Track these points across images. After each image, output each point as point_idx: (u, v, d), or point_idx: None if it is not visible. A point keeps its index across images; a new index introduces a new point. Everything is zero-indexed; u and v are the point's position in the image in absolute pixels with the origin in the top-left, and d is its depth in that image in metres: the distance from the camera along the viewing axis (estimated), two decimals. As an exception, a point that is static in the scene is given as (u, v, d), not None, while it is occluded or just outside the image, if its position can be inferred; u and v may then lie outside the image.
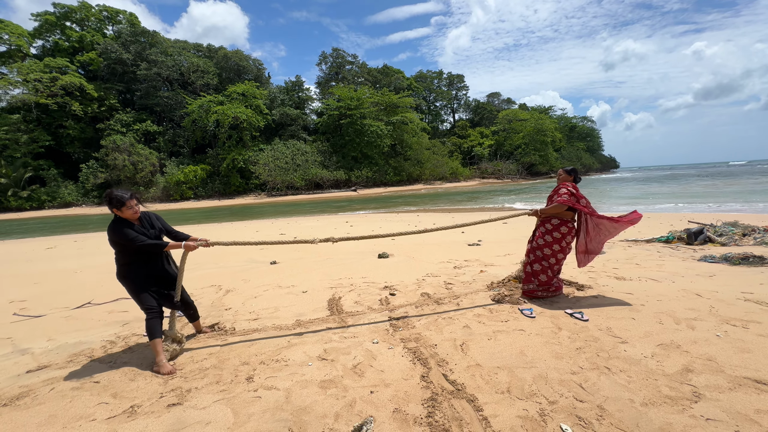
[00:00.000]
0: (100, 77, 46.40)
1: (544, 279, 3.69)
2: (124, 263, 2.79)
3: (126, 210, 2.69)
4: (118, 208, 2.67)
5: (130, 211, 2.71)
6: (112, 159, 39.99)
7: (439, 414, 2.02)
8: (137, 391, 2.44)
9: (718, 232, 6.53)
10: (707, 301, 3.45)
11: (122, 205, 2.67)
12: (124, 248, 2.74)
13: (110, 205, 2.68)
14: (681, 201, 18.23)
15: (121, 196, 2.67)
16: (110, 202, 2.67)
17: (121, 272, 2.82)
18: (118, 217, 2.71)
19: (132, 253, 2.76)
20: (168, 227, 3.00)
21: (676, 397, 2.06)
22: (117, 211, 2.69)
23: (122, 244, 2.70)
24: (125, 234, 2.66)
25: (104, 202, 2.70)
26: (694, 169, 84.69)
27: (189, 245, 2.89)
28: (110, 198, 2.67)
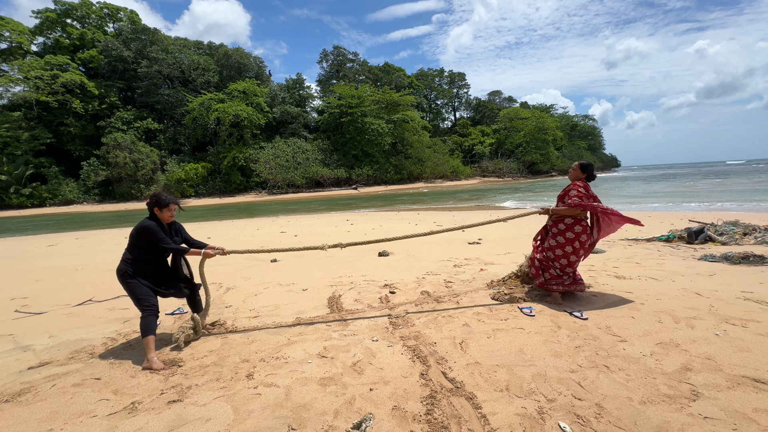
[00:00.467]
0: (100, 75, 46.40)
1: (554, 273, 3.61)
2: (135, 259, 2.92)
3: (166, 212, 2.96)
4: (160, 208, 2.93)
5: (168, 214, 2.98)
6: (113, 157, 40.01)
7: (437, 411, 2.03)
8: (138, 388, 2.45)
9: (719, 231, 6.52)
10: (707, 300, 3.45)
11: (165, 207, 2.94)
12: (143, 245, 2.90)
13: (156, 204, 2.93)
14: (681, 200, 18.20)
15: (167, 198, 2.96)
16: (157, 202, 2.93)
17: (124, 268, 2.89)
18: (154, 216, 2.95)
19: (148, 252, 2.93)
20: (187, 235, 3.23)
21: (675, 395, 2.06)
22: (158, 210, 2.94)
23: (147, 240, 2.87)
24: (157, 232, 2.87)
25: (150, 199, 2.95)
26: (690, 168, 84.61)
27: (207, 253, 3.11)
28: (158, 198, 2.95)
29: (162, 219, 2.99)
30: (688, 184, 29.96)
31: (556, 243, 3.58)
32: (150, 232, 2.87)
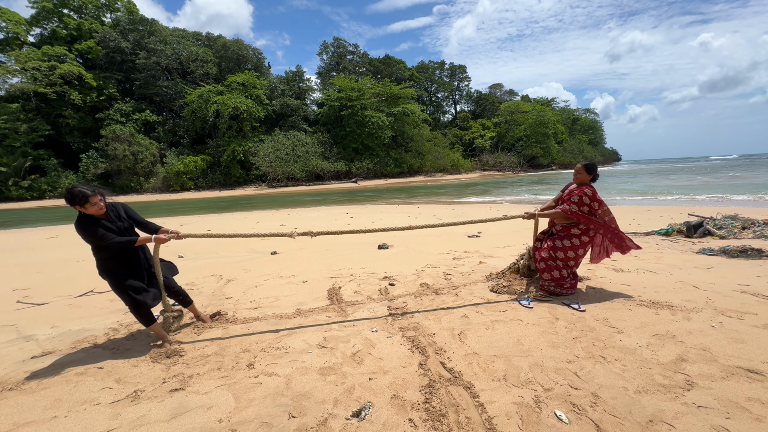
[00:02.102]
0: (98, 66, 45.95)
1: (557, 275, 3.52)
2: (102, 258, 2.73)
3: (90, 207, 2.58)
4: (81, 204, 2.55)
5: (95, 208, 2.59)
6: (112, 149, 39.84)
7: (436, 400, 2.07)
8: (140, 377, 2.49)
9: (718, 225, 6.54)
10: (704, 292, 3.48)
11: (86, 202, 2.55)
12: (95, 245, 2.67)
13: (72, 202, 2.55)
14: (680, 193, 18.20)
15: (83, 192, 2.54)
16: (72, 199, 2.55)
17: (101, 266, 2.76)
18: (83, 214, 2.60)
19: (105, 249, 2.68)
20: (138, 218, 2.89)
21: (669, 385, 2.09)
22: (81, 207, 2.57)
23: (89, 242, 2.63)
24: (92, 231, 2.57)
25: (65, 198, 2.57)
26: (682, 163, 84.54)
27: (159, 238, 2.80)
28: (72, 194, 2.54)
29: (92, 214, 2.61)
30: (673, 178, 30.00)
31: (563, 246, 3.49)
32: (85, 233, 2.57)
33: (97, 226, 2.60)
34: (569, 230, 3.52)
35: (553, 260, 3.55)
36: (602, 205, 3.46)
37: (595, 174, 3.47)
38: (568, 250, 3.50)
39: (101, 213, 2.65)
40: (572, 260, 3.52)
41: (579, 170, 3.48)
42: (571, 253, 3.50)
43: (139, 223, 2.89)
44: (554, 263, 3.54)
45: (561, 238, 3.54)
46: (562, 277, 3.54)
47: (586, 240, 3.49)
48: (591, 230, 3.47)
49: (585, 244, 3.50)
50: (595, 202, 3.41)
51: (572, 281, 3.58)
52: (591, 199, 3.39)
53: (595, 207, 3.42)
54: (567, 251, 3.50)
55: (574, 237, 3.49)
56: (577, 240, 3.48)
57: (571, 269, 3.57)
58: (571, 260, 3.52)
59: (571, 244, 3.49)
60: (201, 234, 3.20)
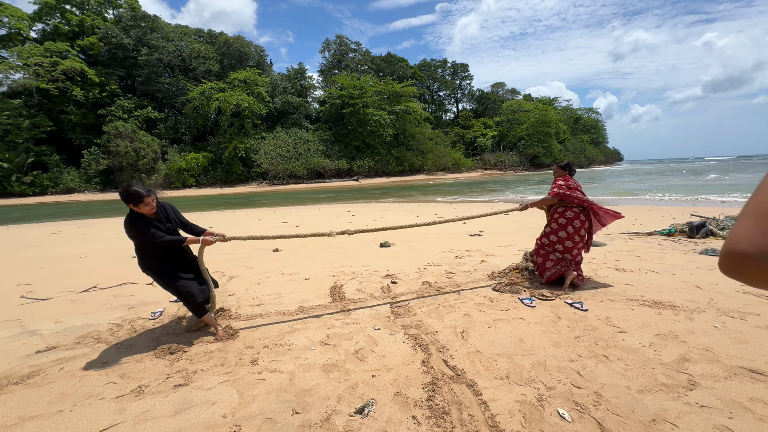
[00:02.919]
0: (100, 62, 45.99)
1: (539, 261, 3.90)
2: (146, 257, 2.81)
3: (143, 206, 2.64)
4: (135, 203, 2.61)
5: (147, 208, 2.66)
6: (114, 145, 39.91)
7: (439, 397, 2.07)
8: (144, 372, 2.50)
9: (721, 226, 6.53)
10: (706, 293, 3.48)
11: (140, 202, 2.61)
12: (142, 243, 2.74)
13: (127, 200, 2.60)
14: (683, 194, 18.14)
15: (138, 193, 2.59)
16: (127, 198, 2.59)
17: (144, 264, 2.83)
18: (135, 212, 2.66)
19: (151, 248, 2.76)
20: (184, 220, 3.00)
21: (672, 384, 2.10)
22: (134, 206, 2.63)
23: (138, 240, 2.70)
24: (143, 230, 2.63)
25: (121, 196, 2.60)
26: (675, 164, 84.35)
27: (206, 240, 2.90)
28: (127, 193, 2.58)
29: (144, 213, 2.69)
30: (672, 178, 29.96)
31: (550, 230, 3.86)
32: (136, 231, 2.62)
33: (149, 225, 2.67)
34: (552, 215, 3.88)
35: (545, 246, 3.87)
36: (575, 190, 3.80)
37: (570, 170, 3.93)
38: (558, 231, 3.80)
39: (152, 213, 2.73)
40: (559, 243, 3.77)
41: (555, 169, 4.02)
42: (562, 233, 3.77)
43: (184, 225, 2.99)
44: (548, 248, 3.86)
45: (549, 223, 3.91)
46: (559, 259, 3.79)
47: (570, 215, 3.75)
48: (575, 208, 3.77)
49: (571, 219, 3.75)
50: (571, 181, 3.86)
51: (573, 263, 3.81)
52: (566, 180, 3.86)
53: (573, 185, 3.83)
54: (551, 234, 3.84)
55: (560, 217, 3.80)
56: (563, 219, 3.78)
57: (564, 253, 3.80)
58: (558, 243, 3.78)
59: (559, 225, 3.80)
60: (246, 237, 3.32)
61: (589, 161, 78.31)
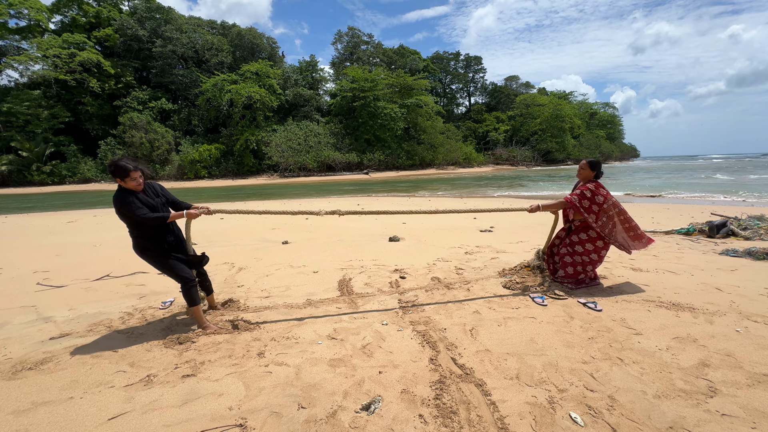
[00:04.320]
0: (116, 54, 46.59)
1: (570, 272, 3.60)
2: (139, 236, 2.80)
3: (129, 181, 2.65)
4: (122, 178, 2.63)
5: (134, 183, 2.66)
6: (130, 136, 40.58)
7: (446, 396, 2.03)
8: (153, 361, 2.52)
9: (743, 226, 6.29)
10: (728, 295, 3.35)
11: (126, 175, 2.62)
12: (132, 221, 2.73)
13: (114, 174, 2.63)
14: (700, 192, 17.60)
15: (125, 166, 2.61)
16: (114, 172, 2.62)
17: (138, 245, 2.83)
18: (122, 188, 2.68)
19: (141, 226, 2.75)
20: (172, 197, 2.99)
21: (691, 391, 2.01)
22: (120, 181, 2.65)
23: (126, 216, 2.69)
24: (129, 204, 2.63)
25: (109, 169, 2.66)
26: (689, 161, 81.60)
27: (191, 213, 2.89)
28: (115, 167, 2.62)
29: (131, 189, 2.68)
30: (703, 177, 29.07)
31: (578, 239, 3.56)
32: (122, 205, 2.62)
33: (133, 197, 2.67)
34: (587, 223, 3.51)
35: (571, 255, 3.58)
36: (608, 198, 3.44)
37: (598, 171, 3.52)
38: (585, 243, 3.52)
39: (139, 189, 2.73)
40: (593, 253, 3.52)
41: (583, 166, 3.53)
42: (590, 246, 3.51)
43: (173, 203, 2.99)
44: (572, 259, 3.58)
45: (578, 232, 3.57)
46: (578, 273, 3.57)
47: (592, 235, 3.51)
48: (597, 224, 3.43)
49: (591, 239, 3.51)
50: (599, 196, 3.41)
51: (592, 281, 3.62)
52: (593, 193, 3.41)
53: (600, 201, 3.41)
54: (585, 244, 3.53)
55: (591, 230, 3.51)
56: (594, 233, 3.50)
57: (594, 264, 3.58)
58: (592, 253, 3.53)
59: (588, 237, 3.52)
60: (231, 210, 3.34)
61: (604, 157, 76.48)
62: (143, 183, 2.76)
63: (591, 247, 3.51)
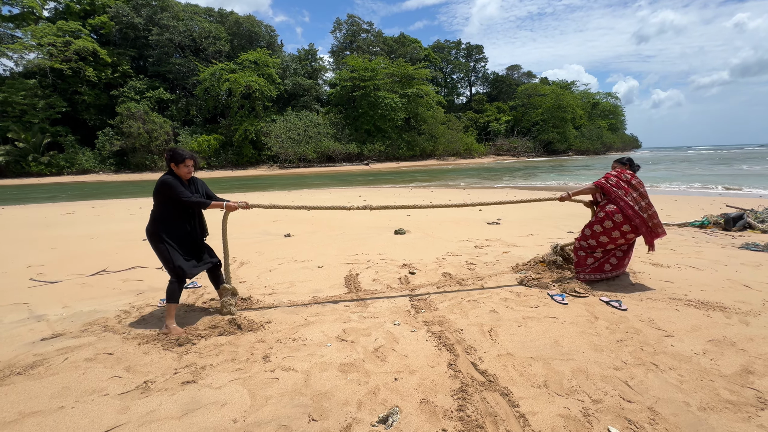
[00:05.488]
0: (112, 42, 45.76)
1: (574, 259, 3.58)
2: (162, 219, 2.84)
3: (182, 167, 2.86)
4: (176, 163, 2.85)
5: (186, 170, 2.87)
6: (127, 127, 40.05)
7: (470, 407, 1.86)
8: (151, 366, 2.35)
9: (760, 218, 6.10)
10: (758, 293, 3.17)
11: (181, 162, 2.85)
12: (167, 202, 2.82)
13: (172, 159, 2.86)
14: (704, 183, 17.38)
15: (182, 152, 2.88)
16: (173, 156, 2.86)
17: (154, 228, 2.83)
18: (173, 172, 2.88)
19: (173, 209, 2.85)
20: (210, 192, 3.12)
21: (739, 402, 1.84)
22: (174, 166, 2.86)
23: (169, 197, 2.79)
24: (176, 186, 2.78)
25: (166, 154, 2.89)
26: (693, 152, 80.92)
27: (230, 206, 3.03)
28: (173, 152, 2.88)
29: (180, 175, 2.90)
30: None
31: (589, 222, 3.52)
32: (169, 186, 2.78)
33: (181, 183, 2.87)
34: (604, 207, 3.41)
35: (584, 239, 3.51)
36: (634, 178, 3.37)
37: (631, 165, 3.52)
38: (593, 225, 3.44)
39: (188, 177, 2.94)
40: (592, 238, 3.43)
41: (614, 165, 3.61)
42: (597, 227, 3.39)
43: (210, 197, 3.09)
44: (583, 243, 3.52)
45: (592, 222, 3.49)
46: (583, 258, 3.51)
47: (610, 209, 3.32)
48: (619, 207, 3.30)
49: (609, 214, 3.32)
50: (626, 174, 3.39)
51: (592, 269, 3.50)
52: (618, 173, 3.41)
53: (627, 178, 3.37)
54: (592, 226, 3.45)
55: (600, 210, 3.43)
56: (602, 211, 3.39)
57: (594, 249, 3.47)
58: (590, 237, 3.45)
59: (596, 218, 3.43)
60: (267, 205, 3.53)
61: (606, 148, 75.99)
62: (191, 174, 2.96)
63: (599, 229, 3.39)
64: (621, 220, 3.28)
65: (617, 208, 3.30)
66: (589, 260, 3.48)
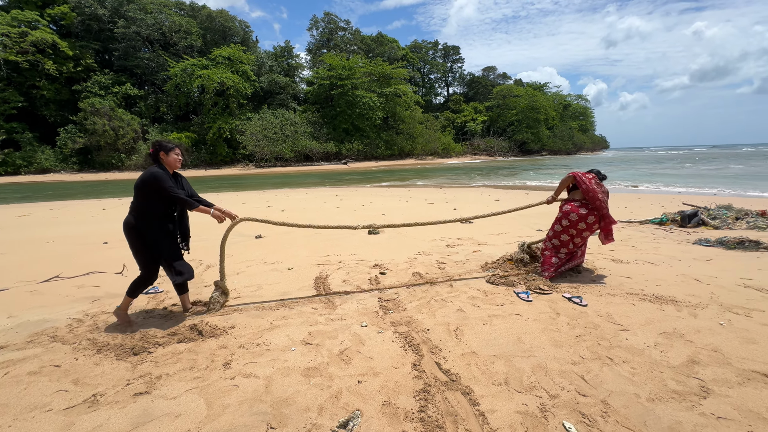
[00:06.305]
0: (74, 34, 43.29)
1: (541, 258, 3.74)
2: (142, 212, 2.75)
3: (172, 155, 2.81)
4: (166, 152, 2.80)
5: (174, 157, 2.82)
6: (91, 123, 38.02)
7: (432, 408, 1.87)
8: (102, 377, 2.22)
9: (712, 215, 6.48)
10: (707, 287, 3.36)
11: (170, 150, 2.81)
12: (151, 196, 2.72)
13: (160, 148, 2.80)
14: (665, 183, 18.36)
15: (169, 142, 2.85)
16: (161, 146, 2.81)
17: (131, 221, 2.74)
18: (161, 164, 2.81)
19: (156, 204, 2.76)
20: (193, 192, 3.01)
21: (684, 392, 1.94)
22: (164, 155, 2.80)
23: (155, 190, 2.69)
24: (165, 179, 2.70)
25: (153, 146, 2.82)
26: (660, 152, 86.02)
27: (216, 214, 2.97)
28: (160, 143, 2.83)
29: (168, 165, 2.84)
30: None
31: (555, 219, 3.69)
32: (157, 179, 2.69)
33: (168, 176, 2.78)
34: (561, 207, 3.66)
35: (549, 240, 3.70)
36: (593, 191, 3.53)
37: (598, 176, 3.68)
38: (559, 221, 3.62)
39: (176, 167, 2.87)
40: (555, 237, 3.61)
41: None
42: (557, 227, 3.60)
43: (192, 196, 2.98)
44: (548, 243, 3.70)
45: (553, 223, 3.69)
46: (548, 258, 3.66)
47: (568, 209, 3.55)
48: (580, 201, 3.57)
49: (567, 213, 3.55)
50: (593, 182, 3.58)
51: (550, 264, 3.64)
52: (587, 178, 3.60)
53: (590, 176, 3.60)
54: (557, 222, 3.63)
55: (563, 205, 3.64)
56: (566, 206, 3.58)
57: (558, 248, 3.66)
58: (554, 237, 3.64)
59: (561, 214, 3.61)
60: (261, 219, 3.43)
61: (576, 148, 78.90)
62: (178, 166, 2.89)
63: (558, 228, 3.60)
64: (576, 219, 3.48)
65: (572, 207, 3.52)
66: (554, 260, 3.59)
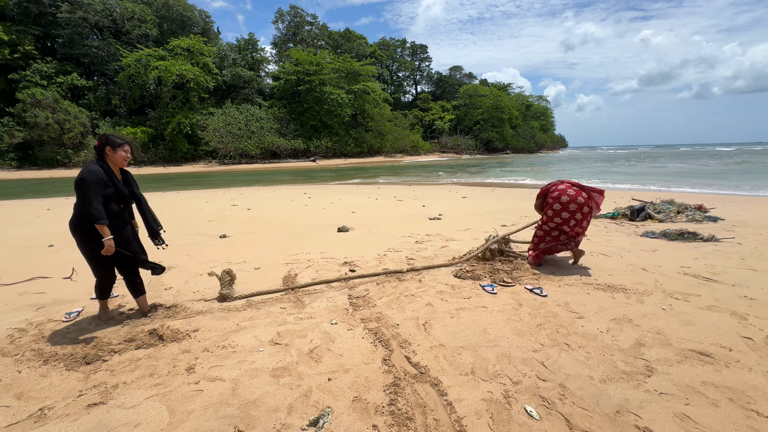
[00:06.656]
0: (9, 18, 39.30)
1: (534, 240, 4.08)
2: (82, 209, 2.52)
3: (120, 151, 2.61)
4: (113, 147, 2.59)
5: (123, 154, 2.63)
6: (32, 116, 34.78)
7: (402, 401, 1.90)
8: (50, 390, 2.07)
9: (657, 210, 7.03)
10: (652, 275, 3.65)
11: (118, 146, 2.61)
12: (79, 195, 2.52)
13: (106, 143, 2.59)
14: (614, 179, 19.70)
15: (121, 138, 2.64)
16: (106, 141, 2.60)
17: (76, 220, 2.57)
18: (102, 162, 2.59)
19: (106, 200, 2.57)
20: (140, 194, 2.86)
21: (631, 372, 2.10)
22: (110, 151, 2.59)
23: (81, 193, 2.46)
24: (91, 187, 2.44)
25: (100, 140, 2.61)
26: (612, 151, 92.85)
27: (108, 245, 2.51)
28: (108, 137, 2.63)
29: (114, 162, 2.63)
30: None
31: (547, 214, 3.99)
32: (84, 182, 2.44)
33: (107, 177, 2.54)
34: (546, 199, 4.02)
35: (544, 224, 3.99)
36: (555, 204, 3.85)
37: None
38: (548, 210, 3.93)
39: (123, 165, 2.70)
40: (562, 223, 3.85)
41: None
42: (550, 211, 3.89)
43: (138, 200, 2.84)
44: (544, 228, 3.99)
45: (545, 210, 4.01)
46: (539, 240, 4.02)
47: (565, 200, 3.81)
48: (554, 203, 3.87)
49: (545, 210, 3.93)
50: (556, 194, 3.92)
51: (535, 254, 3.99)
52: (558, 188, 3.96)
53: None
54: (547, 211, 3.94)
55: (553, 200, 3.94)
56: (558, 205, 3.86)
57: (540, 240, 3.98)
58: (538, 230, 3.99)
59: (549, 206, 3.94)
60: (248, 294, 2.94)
61: (538, 147, 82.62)
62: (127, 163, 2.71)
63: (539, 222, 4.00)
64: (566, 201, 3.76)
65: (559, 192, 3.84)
66: (541, 245, 3.93)
